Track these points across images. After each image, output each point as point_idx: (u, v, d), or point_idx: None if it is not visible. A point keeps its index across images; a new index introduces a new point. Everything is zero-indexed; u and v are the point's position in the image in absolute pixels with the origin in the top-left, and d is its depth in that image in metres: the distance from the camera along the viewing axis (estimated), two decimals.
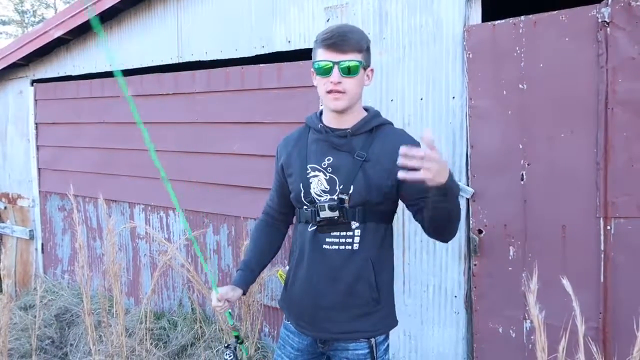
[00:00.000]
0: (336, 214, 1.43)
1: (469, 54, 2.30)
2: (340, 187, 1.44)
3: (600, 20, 1.99)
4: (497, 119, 2.25)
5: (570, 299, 2.07)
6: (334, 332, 1.50)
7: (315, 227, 1.48)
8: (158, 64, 3.60)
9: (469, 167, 2.35)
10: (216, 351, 3.05)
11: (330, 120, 1.52)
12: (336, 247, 1.46)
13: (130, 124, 3.85)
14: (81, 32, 4.00)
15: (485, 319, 2.35)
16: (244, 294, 1.66)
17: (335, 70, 1.39)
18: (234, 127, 3.24)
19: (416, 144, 1.47)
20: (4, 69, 4.52)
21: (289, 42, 2.91)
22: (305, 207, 1.50)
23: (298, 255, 1.55)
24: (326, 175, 1.47)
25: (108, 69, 3.93)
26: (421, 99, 2.46)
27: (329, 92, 1.42)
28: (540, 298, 1.34)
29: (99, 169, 4.06)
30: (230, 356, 1.67)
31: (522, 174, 2.21)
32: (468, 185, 2.35)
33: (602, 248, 2.05)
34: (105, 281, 3.26)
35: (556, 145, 2.12)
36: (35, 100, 4.56)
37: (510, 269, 2.27)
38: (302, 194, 1.50)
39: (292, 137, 1.63)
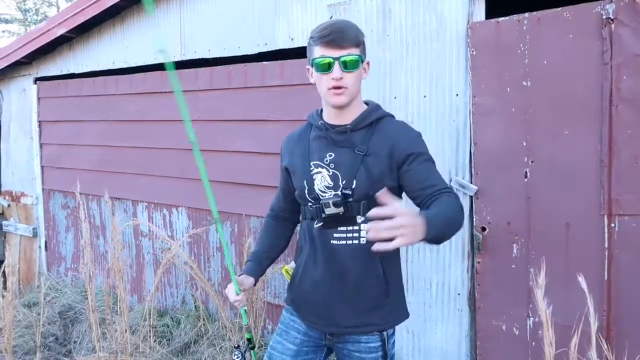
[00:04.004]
0: (341, 209, 1.43)
1: (473, 51, 2.29)
2: (344, 182, 1.44)
3: (604, 17, 1.98)
4: (501, 116, 2.24)
5: (574, 297, 2.07)
6: (345, 326, 1.50)
7: (321, 223, 1.48)
8: (161, 61, 3.60)
9: (472, 165, 2.34)
10: (219, 348, 3.06)
11: (330, 117, 1.52)
12: (344, 242, 1.46)
13: (132, 121, 3.86)
14: (84, 30, 4.01)
15: (488, 316, 2.35)
16: (254, 284, 1.68)
17: (336, 65, 1.40)
18: (237, 124, 3.24)
19: (414, 134, 1.47)
20: (7, 67, 4.53)
21: (292, 39, 2.91)
22: (310, 204, 1.51)
23: (308, 252, 1.55)
24: (329, 171, 1.47)
25: (111, 66, 3.93)
26: (424, 97, 2.46)
27: (331, 88, 1.42)
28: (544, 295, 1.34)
29: (101, 167, 4.07)
30: (239, 357, 1.67)
31: (526, 172, 2.21)
32: (471, 183, 2.35)
33: (606, 246, 2.05)
34: (109, 279, 3.27)
35: (560, 143, 2.12)
36: (39, 98, 4.56)
37: (513, 266, 2.27)
38: (306, 191, 1.51)
39: (294, 135, 1.64)
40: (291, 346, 1.58)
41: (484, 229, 2.32)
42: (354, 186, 1.43)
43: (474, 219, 2.35)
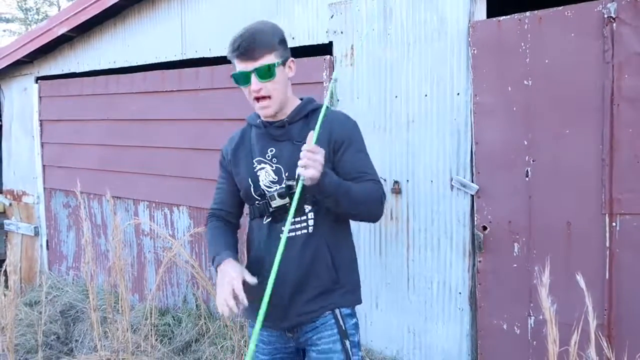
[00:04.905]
0: (287, 200, 1.45)
1: (474, 50, 2.29)
2: (286, 174, 1.46)
3: (606, 15, 1.98)
4: (502, 115, 2.24)
5: (575, 295, 2.07)
6: (297, 315, 1.49)
7: (270, 218, 1.49)
8: (162, 60, 3.61)
9: (473, 164, 2.35)
10: (220, 347, 3.06)
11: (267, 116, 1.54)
12: (293, 233, 1.47)
13: (133, 121, 3.86)
14: (85, 30, 4.01)
15: (489, 315, 2.35)
16: None
17: (253, 78, 1.43)
18: (238, 123, 3.23)
19: (350, 124, 1.51)
20: (8, 66, 4.54)
21: (293, 38, 2.90)
22: (257, 201, 1.52)
23: (256, 249, 1.53)
24: (272, 166, 1.50)
25: (112, 66, 3.93)
26: (425, 96, 2.46)
27: (255, 99, 1.45)
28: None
29: (103, 166, 4.07)
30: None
31: (527, 171, 2.21)
32: (473, 182, 2.35)
33: (607, 245, 2.05)
34: (110, 277, 3.28)
35: (561, 142, 2.12)
36: (40, 97, 4.57)
37: (514, 265, 2.27)
38: (251, 189, 1.52)
39: (236, 136, 1.66)
40: (263, 357, 1.58)
41: (485, 228, 2.33)
42: (296, 177, 1.43)
43: (475, 218, 2.35)
